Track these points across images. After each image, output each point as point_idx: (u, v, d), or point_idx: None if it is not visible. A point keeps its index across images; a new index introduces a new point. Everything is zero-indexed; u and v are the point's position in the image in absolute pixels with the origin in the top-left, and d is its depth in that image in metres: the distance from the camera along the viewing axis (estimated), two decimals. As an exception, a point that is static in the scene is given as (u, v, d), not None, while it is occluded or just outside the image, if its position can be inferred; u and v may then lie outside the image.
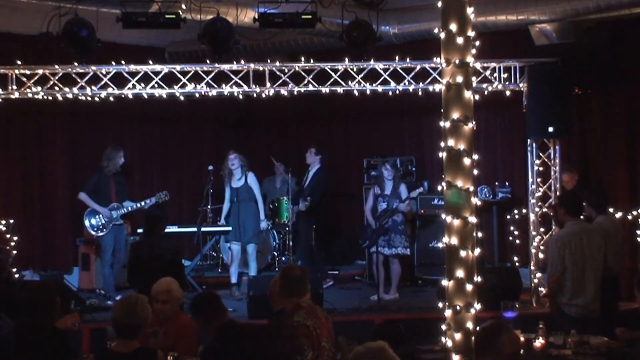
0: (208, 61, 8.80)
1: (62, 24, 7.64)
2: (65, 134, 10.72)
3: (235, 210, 9.57)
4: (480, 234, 6.08)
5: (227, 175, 9.65)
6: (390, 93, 8.99)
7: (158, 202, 9.33)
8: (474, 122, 5.38)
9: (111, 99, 8.97)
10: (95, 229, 9.31)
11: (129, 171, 10.83)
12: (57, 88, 8.65)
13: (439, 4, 5.46)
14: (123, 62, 8.75)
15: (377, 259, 9.18)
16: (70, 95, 8.72)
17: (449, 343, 5.13)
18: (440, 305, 5.77)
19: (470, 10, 5.38)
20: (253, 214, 9.55)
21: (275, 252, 10.81)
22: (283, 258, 10.77)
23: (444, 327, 5.50)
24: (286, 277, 4.98)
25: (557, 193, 8.83)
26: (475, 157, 5.42)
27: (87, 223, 9.35)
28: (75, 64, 8.41)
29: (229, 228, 9.50)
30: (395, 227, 9.19)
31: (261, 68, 8.86)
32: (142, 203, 9.41)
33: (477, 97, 6.37)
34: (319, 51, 10.31)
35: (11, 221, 9.26)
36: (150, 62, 8.83)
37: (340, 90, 8.90)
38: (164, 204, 9.35)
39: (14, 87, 8.64)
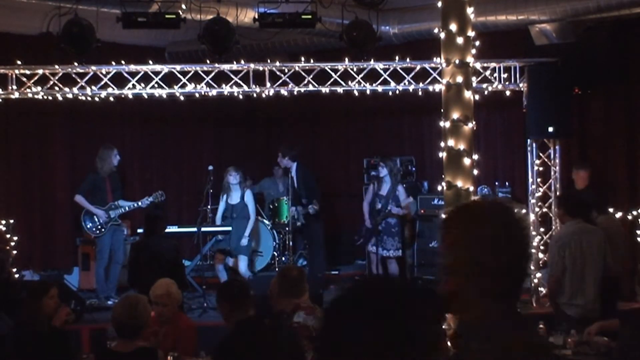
0: (208, 61, 8.80)
1: (62, 24, 7.63)
2: (65, 134, 10.71)
3: (229, 226, 9.56)
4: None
5: (224, 189, 9.52)
6: (390, 93, 8.99)
7: (154, 201, 9.32)
8: (474, 122, 5.40)
9: (111, 99, 8.97)
10: (94, 230, 9.27)
11: (129, 171, 10.84)
12: (57, 88, 8.65)
13: (439, 4, 5.47)
14: (123, 62, 8.75)
15: (377, 259, 9.17)
16: (70, 95, 8.73)
17: (449, 343, 5.13)
18: (440, 305, 5.78)
19: (470, 10, 5.39)
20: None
21: (275, 252, 10.81)
22: (283, 258, 10.76)
23: (444, 327, 5.51)
24: (284, 278, 4.98)
25: (557, 193, 8.83)
26: (475, 157, 5.44)
27: (84, 225, 9.31)
28: (75, 64, 8.41)
29: (229, 228, 9.48)
30: (389, 230, 9.17)
31: (261, 68, 8.86)
32: (139, 203, 9.37)
33: (477, 97, 6.38)
34: (319, 51, 10.31)
35: (11, 221, 9.26)
36: (150, 62, 8.83)
37: (340, 90, 8.91)
38: (163, 204, 9.34)
39: (14, 87, 8.64)
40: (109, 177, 9.41)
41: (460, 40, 5.29)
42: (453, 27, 5.29)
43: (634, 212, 8.80)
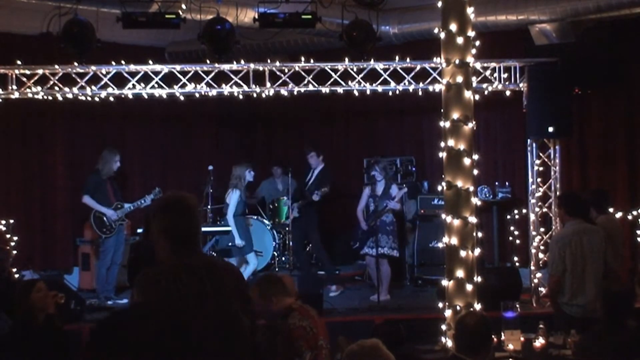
0: (208, 61, 8.80)
1: (62, 24, 7.63)
2: (65, 134, 10.71)
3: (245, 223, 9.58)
4: (480, 234, 6.09)
5: (238, 184, 9.40)
6: (390, 93, 8.99)
7: (154, 198, 9.31)
8: (474, 122, 5.39)
9: (111, 99, 8.97)
10: (104, 230, 9.20)
11: (129, 171, 10.84)
12: (57, 88, 8.65)
13: (439, 4, 5.47)
14: (123, 62, 8.75)
15: (377, 260, 9.15)
16: (70, 95, 8.72)
17: (449, 343, 5.13)
18: (440, 305, 5.78)
19: (470, 10, 5.39)
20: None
21: (275, 252, 10.81)
22: (283, 258, 10.76)
23: (444, 327, 5.51)
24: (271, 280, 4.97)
25: (557, 193, 8.83)
26: (475, 157, 5.43)
27: (94, 225, 9.21)
28: (75, 64, 8.41)
29: (229, 228, 9.45)
30: (383, 228, 9.14)
31: (261, 68, 8.86)
32: (141, 202, 9.35)
33: (477, 97, 6.37)
34: (319, 51, 10.31)
35: (11, 221, 9.27)
36: (150, 62, 8.83)
37: (340, 90, 8.90)
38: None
39: (14, 87, 8.64)
40: (109, 180, 9.40)
41: (460, 40, 5.29)
42: (453, 27, 5.29)
43: (634, 212, 8.80)
